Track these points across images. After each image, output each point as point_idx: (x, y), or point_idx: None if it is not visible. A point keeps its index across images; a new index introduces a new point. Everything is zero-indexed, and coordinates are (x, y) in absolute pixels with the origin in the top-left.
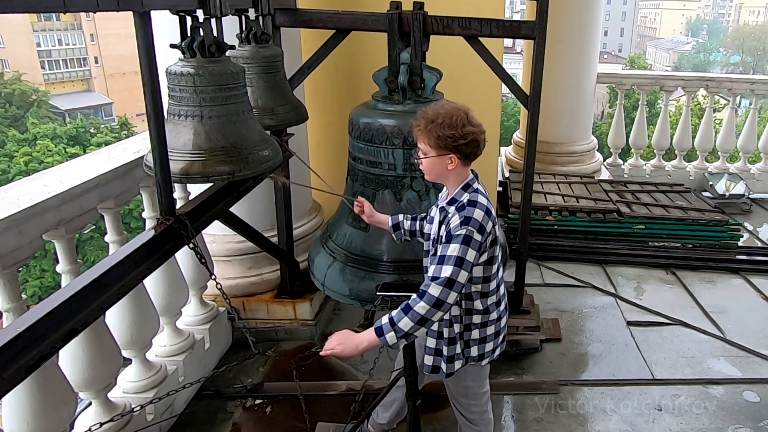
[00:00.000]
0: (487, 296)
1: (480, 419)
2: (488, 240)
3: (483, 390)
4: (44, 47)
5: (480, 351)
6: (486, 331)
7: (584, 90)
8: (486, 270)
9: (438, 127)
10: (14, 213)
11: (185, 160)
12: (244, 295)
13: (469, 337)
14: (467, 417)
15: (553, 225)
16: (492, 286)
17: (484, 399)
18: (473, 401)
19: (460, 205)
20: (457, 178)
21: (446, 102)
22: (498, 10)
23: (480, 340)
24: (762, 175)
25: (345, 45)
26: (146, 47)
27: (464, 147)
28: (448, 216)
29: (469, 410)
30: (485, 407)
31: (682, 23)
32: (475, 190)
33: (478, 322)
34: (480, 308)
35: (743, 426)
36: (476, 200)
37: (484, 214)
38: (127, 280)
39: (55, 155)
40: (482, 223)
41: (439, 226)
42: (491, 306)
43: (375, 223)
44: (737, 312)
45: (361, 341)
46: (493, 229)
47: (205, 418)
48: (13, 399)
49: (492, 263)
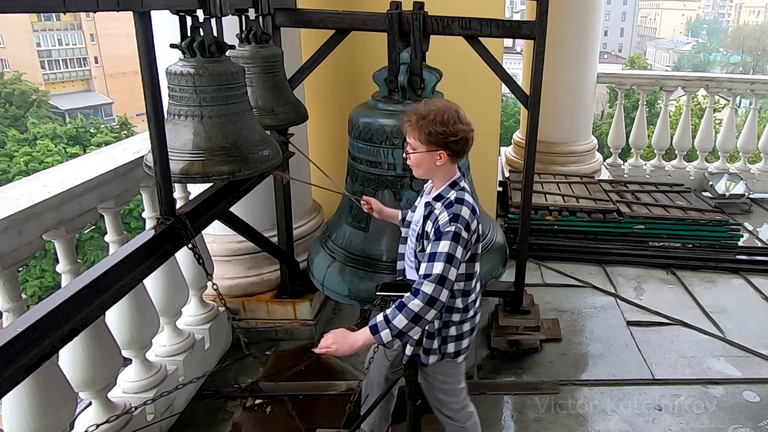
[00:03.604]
0: (469, 294)
1: (459, 415)
2: (473, 237)
3: (460, 386)
4: (44, 47)
5: (456, 348)
6: (462, 328)
7: (584, 90)
8: (468, 267)
9: (429, 123)
10: (14, 213)
11: (185, 160)
12: (244, 295)
13: (446, 334)
14: (448, 415)
15: (553, 225)
16: (473, 284)
17: (462, 395)
18: (452, 398)
19: (447, 202)
20: (444, 174)
21: (438, 99)
22: (498, 10)
23: (457, 337)
24: (762, 175)
25: (345, 45)
26: (146, 47)
27: (454, 144)
28: (435, 212)
29: (448, 407)
30: (464, 403)
31: (682, 23)
32: (462, 188)
33: (456, 320)
34: (460, 306)
35: (743, 426)
36: (463, 198)
37: (470, 212)
38: (127, 280)
39: (55, 155)
40: (468, 221)
41: (424, 220)
42: (470, 304)
43: (385, 218)
44: (737, 312)
45: (356, 340)
46: (477, 226)
47: (205, 418)
48: (13, 399)
49: (474, 260)
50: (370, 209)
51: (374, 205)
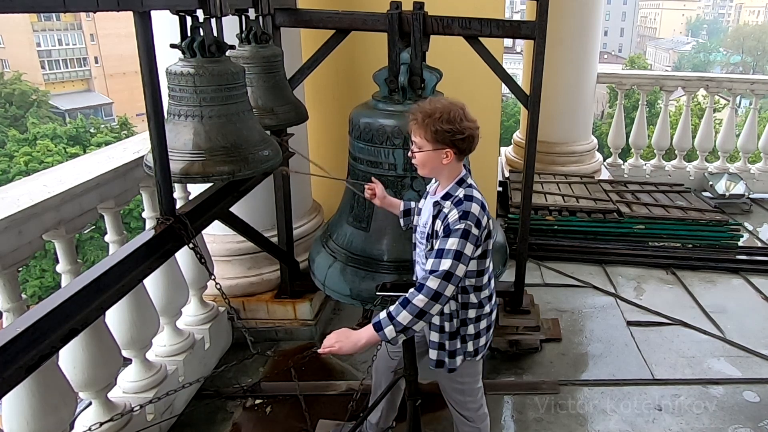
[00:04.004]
0: (481, 290)
1: (476, 415)
2: (483, 234)
3: (478, 385)
4: (44, 47)
5: (475, 346)
6: (480, 326)
7: (584, 90)
8: (480, 264)
9: (436, 122)
10: (14, 213)
11: (185, 160)
12: (244, 295)
13: (465, 333)
14: (464, 414)
15: (553, 225)
16: (485, 280)
17: (479, 395)
18: (469, 397)
19: (456, 200)
20: (450, 173)
21: (442, 97)
22: (498, 10)
23: (475, 335)
24: (762, 175)
25: (345, 45)
26: (146, 47)
27: (461, 142)
28: (444, 211)
29: (465, 407)
30: (480, 402)
31: (682, 23)
32: (470, 185)
33: (473, 317)
34: (475, 302)
35: (743, 426)
36: (472, 195)
37: (480, 209)
38: (127, 280)
39: (55, 155)
40: (479, 218)
41: (434, 220)
42: (484, 300)
43: (386, 206)
44: (737, 312)
45: (360, 338)
46: (488, 223)
47: (205, 418)
48: (13, 399)
49: (485, 257)
50: (373, 195)
51: (378, 190)
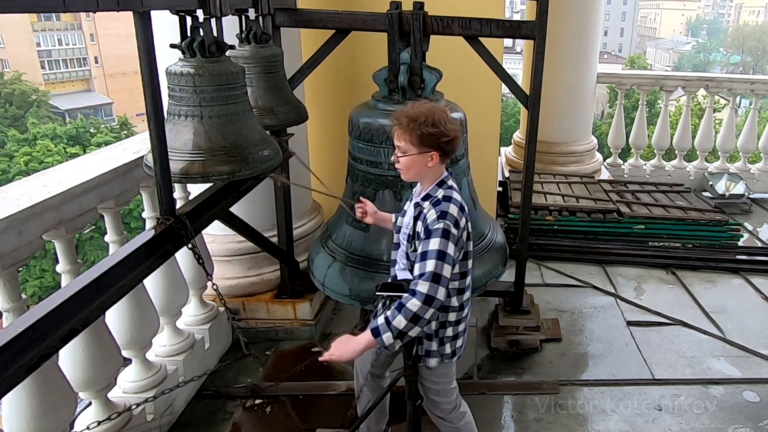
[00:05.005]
0: (463, 292)
1: (453, 416)
2: (463, 235)
3: (452, 386)
4: (44, 47)
5: (452, 348)
6: (458, 328)
7: (584, 90)
8: (462, 265)
9: (421, 125)
10: (14, 213)
11: (185, 160)
12: (244, 295)
13: (443, 335)
14: (440, 416)
15: (553, 225)
16: (467, 282)
17: (454, 395)
18: (444, 398)
19: (435, 200)
20: (434, 176)
21: (423, 101)
22: (498, 10)
23: (453, 337)
24: (762, 175)
25: (345, 45)
26: (146, 47)
27: (445, 144)
28: (424, 211)
29: (439, 408)
30: (456, 401)
31: (682, 23)
32: (450, 186)
33: (453, 320)
34: (456, 305)
35: (743, 426)
36: (451, 196)
37: (459, 210)
38: (127, 280)
39: (55, 155)
40: (457, 218)
41: (414, 221)
42: (465, 302)
43: (378, 222)
44: (737, 312)
45: (359, 343)
46: (466, 224)
47: (205, 418)
48: (13, 399)
49: (467, 258)
50: (364, 213)
51: (369, 208)
